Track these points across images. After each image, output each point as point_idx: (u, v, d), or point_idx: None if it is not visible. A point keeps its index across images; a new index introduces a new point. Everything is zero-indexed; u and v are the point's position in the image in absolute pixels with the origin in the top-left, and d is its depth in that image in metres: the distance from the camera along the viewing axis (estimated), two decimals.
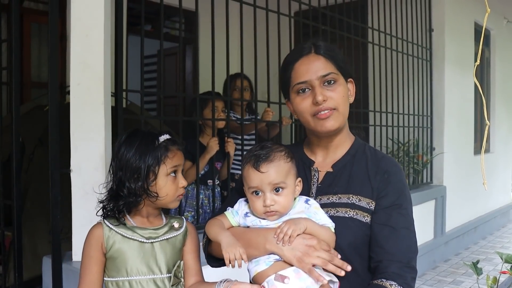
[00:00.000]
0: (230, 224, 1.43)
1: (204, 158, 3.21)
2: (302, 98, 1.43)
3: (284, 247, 1.29)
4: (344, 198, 1.41)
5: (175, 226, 1.49)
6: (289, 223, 1.31)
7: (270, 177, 1.34)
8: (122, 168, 1.42)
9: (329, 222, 1.36)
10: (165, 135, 1.47)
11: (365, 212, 1.39)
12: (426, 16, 5.54)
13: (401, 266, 1.32)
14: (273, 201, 1.34)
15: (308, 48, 1.45)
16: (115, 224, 1.42)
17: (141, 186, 1.40)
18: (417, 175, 5.37)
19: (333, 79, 1.41)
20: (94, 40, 2.57)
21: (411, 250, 1.37)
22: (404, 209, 1.40)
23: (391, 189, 1.40)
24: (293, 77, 1.45)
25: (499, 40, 7.41)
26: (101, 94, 2.56)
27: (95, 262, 1.41)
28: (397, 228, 1.36)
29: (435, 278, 4.87)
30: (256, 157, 1.36)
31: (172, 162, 1.44)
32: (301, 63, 1.44)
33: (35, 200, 3.37)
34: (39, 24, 5.26)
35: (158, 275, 1.41)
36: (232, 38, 3.27)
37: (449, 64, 5.68)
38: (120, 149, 1.44)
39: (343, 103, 1.42)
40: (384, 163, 1.46)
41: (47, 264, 2.67)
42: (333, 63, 1.43)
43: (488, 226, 6.75)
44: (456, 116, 5.90)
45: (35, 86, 5.22)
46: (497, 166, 7.27)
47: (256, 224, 1.38)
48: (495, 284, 2.22)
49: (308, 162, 1.52)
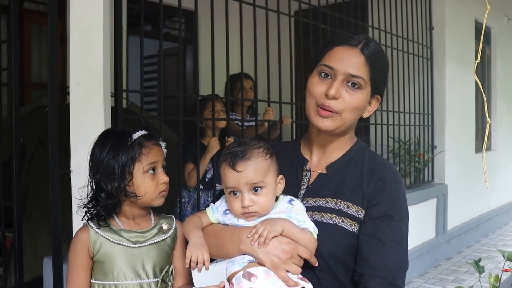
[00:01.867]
0: (209, 221, 1.37)
1: (205, 158, 3.20)
2: (319, 80, 1.33)
3: (259, 249, 1.22)
4: (331, 203, 1.32)
5: (163, 228, 1.45)
6: (265, 224, 1.24)
7: (248, 177, 1.26)
8: (98, 170, 1.38)
9: (312, 226, 1.27)
10: (139, 131, 1.41)
11: (353, 221, 1.29)
12: (426, 14, 5.53)
13: (384, 283, 1.23)
14: (252, 201, 1.26)
15: (357, 41, 1.33)
16: (102, 226, 1.38)
17: (117, 187, 1.36)
18: (419, 174, 5.36)
19: (358, 84, 1.31)
20: (94, 40, 2.57)
21: (398, 267, 1.26)
22: (396, 221, 1.29)
23: (384, 198, 1.30)
24: (326, 56, 1.34)
25: (500, 38, 7.39)
26: (100, 95, 2.56)
27: (81, 267, 1.38)
28: (384, 241, 1.26)
29: (437, 276, 4.86)
30: (233, 155, 1.28)
31: (148, 159, 1.39)
32: (341, 49, 1.33)
33: (36, 201, 3.37)
34: (39, 25, 5.27)
35: (145, 280, 1.38)
36: (232, 37, 3.26)
37: (450, 62, 5.67)
38: (94, 151, 1.40)
39: (351, 111, 1.32)
40: (381, 169, 1.35)
41: (48, 265, 2.67)
42: (370, 70, 1.32)
43: (490, 224, 6.74)
44: (457, 114, 5.89)
45: (35, 87, 5.23)
46: (498, 164, 7.25)
47: (233, 222, 1.31)
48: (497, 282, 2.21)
49: (302, 161, 1.44)
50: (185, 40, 5.96)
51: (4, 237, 2.81)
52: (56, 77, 2.57)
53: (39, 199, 3.32)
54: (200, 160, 3.13)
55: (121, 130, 1.46)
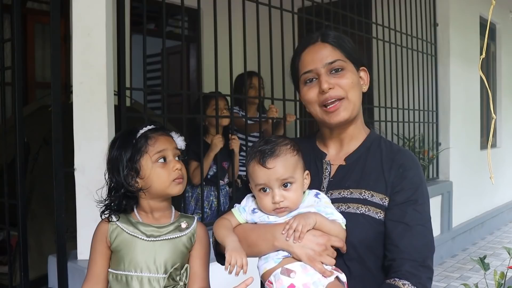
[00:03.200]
0: (238, 221, 1.38)
1: (208, 156, 3.20)
2: (309, 87, 1.38)
3: (295, 244, 1.24)
4: (356, 193, 1.35)
5: (181, 227, 1.46)
6: (298, 218, 1.26)
7: (278, 173, 1.29)
8: (110, 168, 1.44)
9: (340, 217, 1.30)
10: (146, 126, 1.46)
11: (378, 208, 1.33)
12: (430, 11, 5.51)
13: (416, 265, 1.26)
14: (283, 197, 1.29)
15: (315, 37, 1.40)
16: (120, 218, 1.43)
17: (123, 181, 1.40)
18: (423, 171, 5.34)
19: (340, 67, 1.36)
20: (96, 38, 2.57)
21: (426, 249, 1.30)
22: (420, 205, 1.33)
23: (407, 184, 1.33)
24: (300, 67, 1.40)
25: (505, 34, 7.35)
26: (103, 93, 2.56)
27: (99, 255, 1.43)
28: (412, 225, 1.29)
29: (442, 273, 4.85)
30: (261, 152, 1.30)
31: (154, 149, 1.42)
32: (308, 52, 1.40)
33: (41, 200, 3.38)
34: (42, 25, 5.28)
35: (154, 274, 1.39)
36: (235, 35, 3.26)
37: (454, 59, 5.65)
38: (109, 151, 1.46)
39: (352, 91, 1.36)
40: (399, 156, 1.38)
41: (53, 263, 2.68)
42: (341, 51, 1.37)
43: (495, 221, 6.71)
44: (462, 110, 5.86)
45: (39, 87, 5.25)
46: (504, 161, 7.22)
47: (264, 220, 1.34)
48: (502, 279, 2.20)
49: (320, 155, 1.46)
50: (190, 38, 5.95)
51: (9, 235, 2.82)
52: (59, 76, 2.58)
53: (44, 197, 3.33)
54: (204, 158, 3.13)
55: (131, 128, 1.50)
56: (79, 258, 2.63)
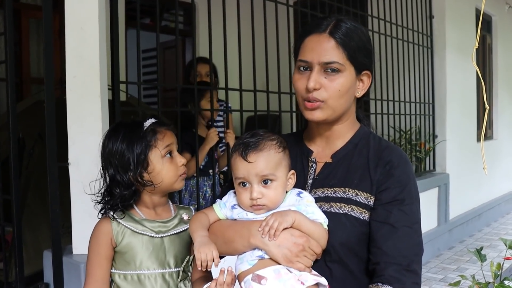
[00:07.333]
0: (217, 217, 1.33)
1: (203, 149, 3.19)
2: (300, 76, 1.31)
3: (270, 242, 1.18)
4: (339, 192, 1.28)
5: (184, 219, 1.46)
6: (276, 215, 1.20)
7: (258, 168, 1.23)
8: (111, 162, 1.38)
9: (322, 217, 1.24)
10: (150, 119, 1.43)
11: (363, 208, 1.26)
12: (426, 3, 5.49)
13: (400, 269, 1.19)
14: (261, 193, 1.23)
15: (325, 26, 1.29)
16: (122, 217, 1.39)
17: (134, 177, 1.37)
18: (420, 163, 5.35)
19: (336, 68, 1.27)
20: (89, 32, 2.55)
21: (412, 252, 1.22)
22: (407, 205, 1.25)
23: (393, 182, 1.26)
24: (300, 50, 1.32)
25: (501, 27, 7.35)
26: (97, 87, 2.55)
27: (105, 258, 1.38)
28: (397, 226, 1.22)
29: (439, 265, 4.87)
30: (245, 145, 1.25)
31: (163, 143, 1.41)
32: (311, 39, 1.30)
33: (36, 195, 3.37)
34: (37, 20, 5.25)
35: (167, 270, 1.39)
36: (230, 28, 3.24)
37: (450, 51, 5.64)
38: (105, 144, 1.40)
39: (336, 97, 1.27)
40: (387, 153, 1.31)
41: (48, 258, 2.67)
42: (344, 51, 1.27)
43: (492, 213, 6.73)
44: (458, 103, 5.86)
45: (34, 82, 5.22)
46: (501, 153, 7.24)
47: (242, 217, 1.28)
48: (499, 271, 2.21)
49: (306, 152, 1.40)
50: (184, 32, 5.93)
51: (3, 231, 2.81)
52: (52, 70, 2.56)
53: (39, 193, 3.32)
54: (199, 150, 3.12)
55: (131, 121, 1.46)
56: (74, 252, 2.63)
